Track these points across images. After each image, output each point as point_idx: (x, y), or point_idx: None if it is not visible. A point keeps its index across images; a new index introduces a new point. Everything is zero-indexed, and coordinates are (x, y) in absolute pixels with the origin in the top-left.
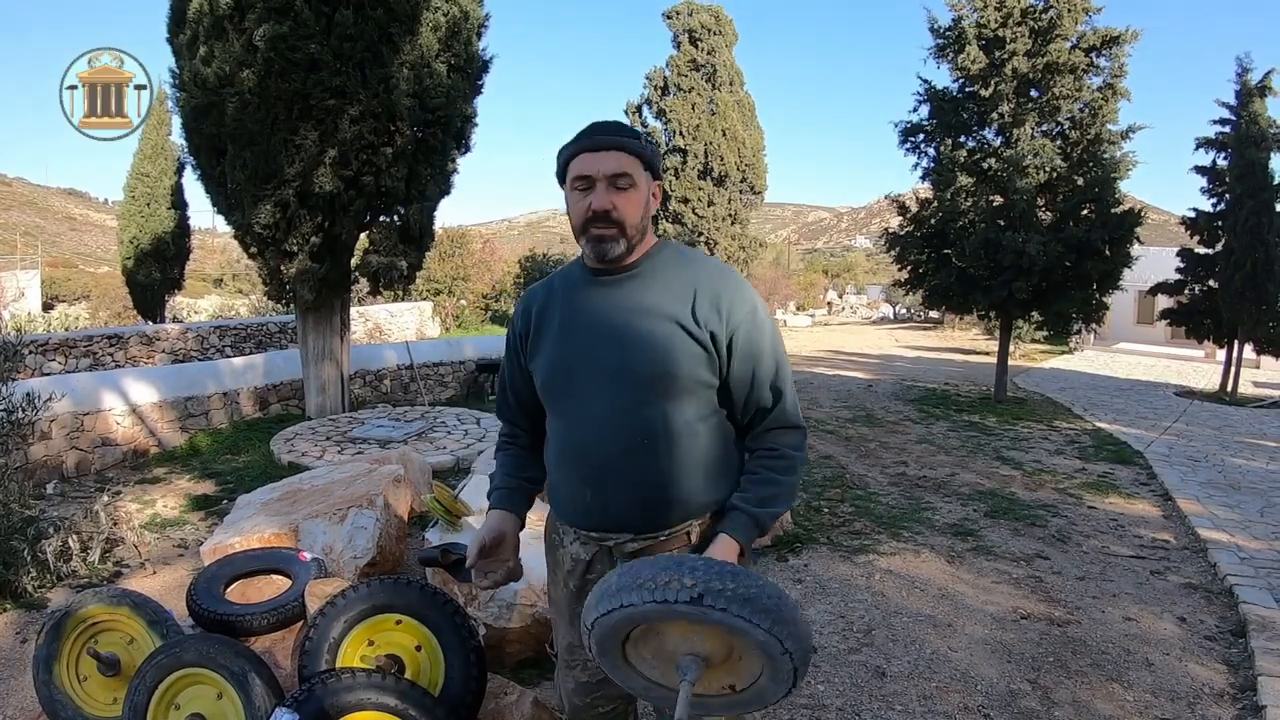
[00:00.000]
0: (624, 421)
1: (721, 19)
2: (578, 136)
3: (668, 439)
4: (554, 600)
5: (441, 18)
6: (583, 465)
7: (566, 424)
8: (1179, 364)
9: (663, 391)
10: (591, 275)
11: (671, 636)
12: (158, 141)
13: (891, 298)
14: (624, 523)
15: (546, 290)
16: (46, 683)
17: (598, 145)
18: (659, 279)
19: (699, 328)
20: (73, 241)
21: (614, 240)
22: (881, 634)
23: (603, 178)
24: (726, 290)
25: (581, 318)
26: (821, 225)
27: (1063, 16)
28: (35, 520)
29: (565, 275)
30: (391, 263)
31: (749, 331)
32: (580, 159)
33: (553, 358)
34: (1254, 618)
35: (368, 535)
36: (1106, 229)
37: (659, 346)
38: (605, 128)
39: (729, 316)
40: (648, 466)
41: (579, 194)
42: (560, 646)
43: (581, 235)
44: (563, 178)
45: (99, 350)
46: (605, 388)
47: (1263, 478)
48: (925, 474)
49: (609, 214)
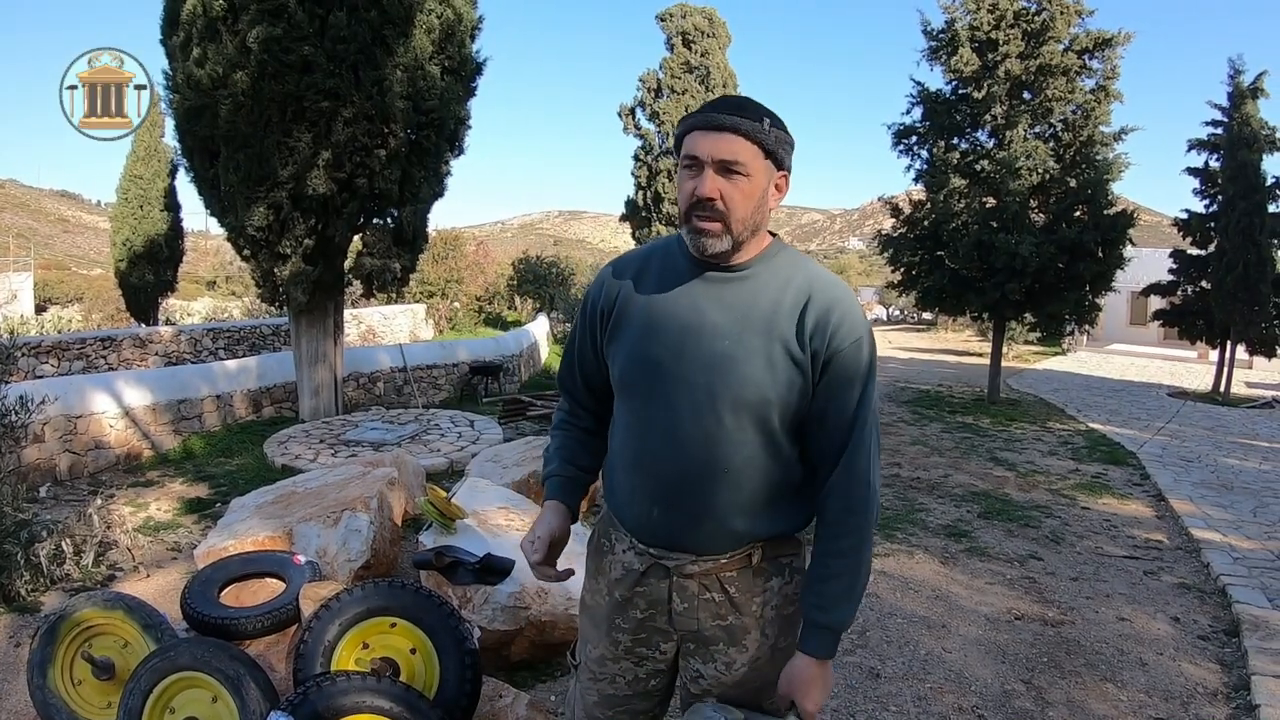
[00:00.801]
0: (708, 444)
1: (715, 21)
2: (698, 110)
3: (750, 469)
4: (590, 608)
5: (435, 20)
6: (654, 481)
7: (643, 429)
8: (1172, 365)
9: (754, 419)
10: (694, 266)
11: None
12: (151, 143)
13: (885, 299)
14: (688, 544)
15: (641, 265)
16: (41, 687)
17: (711, 124)
18: (770, 288)
19: (803, 351)
20: (65, 244)
21: (717, 235)
22: (876, 635)
23: (712, 162)
24: (839, 307)
25: (678, 313)
26: (815, 227)
27: (1055, 19)
28: (28, 523)
29: (665, 256)
30: (385, 265)
31: (849, 360)
32: (693, 137)
33: (639, 350)
34: (1247, 617)
35: (362, 538)
36: (1099, 230)
37: (761, 371)
38: (728, 103)
39: (833, 336)
40: (724, 495)
41: (686, 174)
42: (589, 657)
43: (684, 223)
44: (678, 151)
45: (92, 353)
46: (693, 401)
47: (1255, 478)
48: (919, 475)
49: (713, 204)
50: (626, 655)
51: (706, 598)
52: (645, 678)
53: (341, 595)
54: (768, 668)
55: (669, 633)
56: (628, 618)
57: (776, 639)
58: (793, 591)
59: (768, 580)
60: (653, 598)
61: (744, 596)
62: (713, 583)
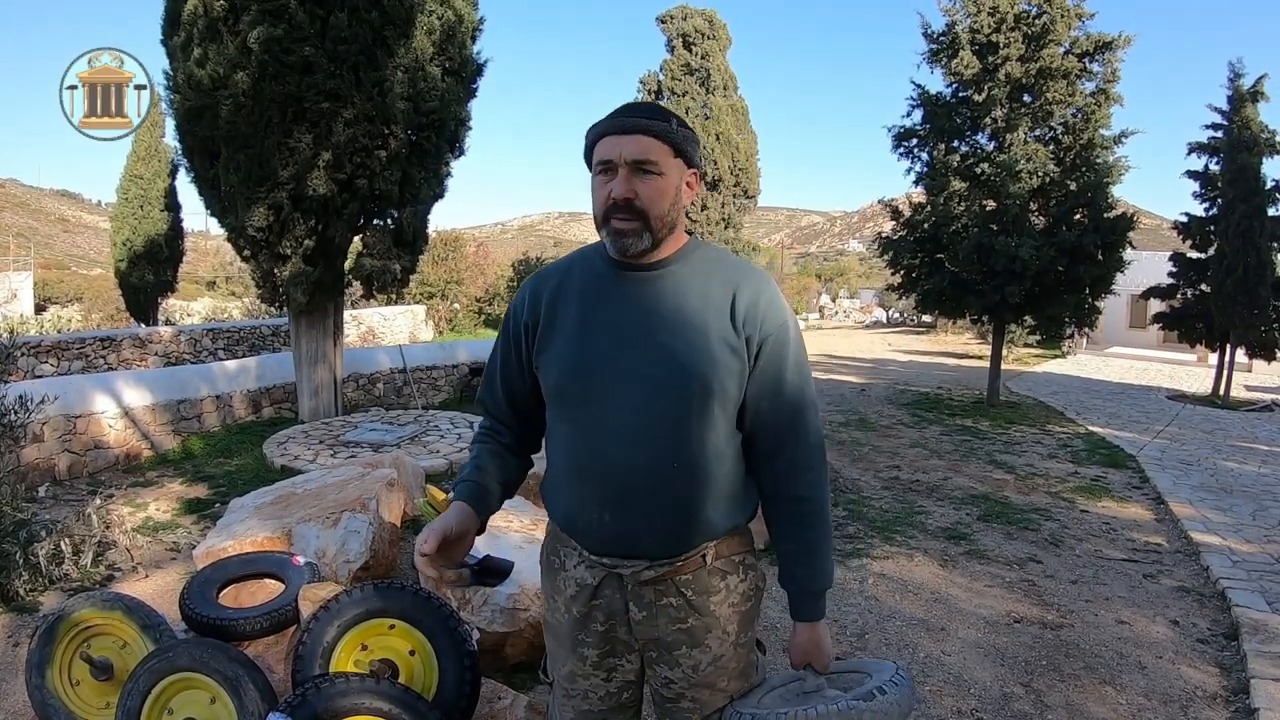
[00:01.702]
0: (657, 440)
1: (715, 23)
2: (606, 117)
3: (701, 461)
4: (552, 626)
5: (436, 21)
6: (603, 486)
7: (584, 436)
8: (1171, 368)
9: (700, 408)
10: (616, 269)
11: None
12: (151, 143)
13: (885, 302)
14: (642, 549)
15: (562, 276)
16: (39, 687)
17: (622, 127)
18: (695, 281)
19: (737, 337)
20: (65, 243)
21: (636, 234)
22: (875, 638)
23: (625, 163)
24: (764, 294)
25: (606, 316)
26: (815, 229)
27: (1055, 22)
28: (27, 523)
29: (585, 263)
30: (385, 266)
31: (780, 342)
32: (605, 142)
33: (570, 358)
34: (1246, 621)
35: (361, 539)
36: (1099, 233)
37: (701, 358)
38: (634, 109)
39: (763, 322)
40: (677, 491)
41: (601, 180)
42: (559, 675)
43: (602, 226)
44: (590, 160)
45: (91, 353)
46: (635, 399)
47: (1255, 481)
48: (918, 478)
49: (630, 203)
50: (595, 670)
51: (664, 603)
52: (617, 691)
53: (340, 597)
54: (732, 664)
55: (630, 643)
56: (589, 632)
57: (737, 636)
58: (749, 588)
59: (724, 579)
60: (610, 609)
61: (701, 599)
62: (669, 588)
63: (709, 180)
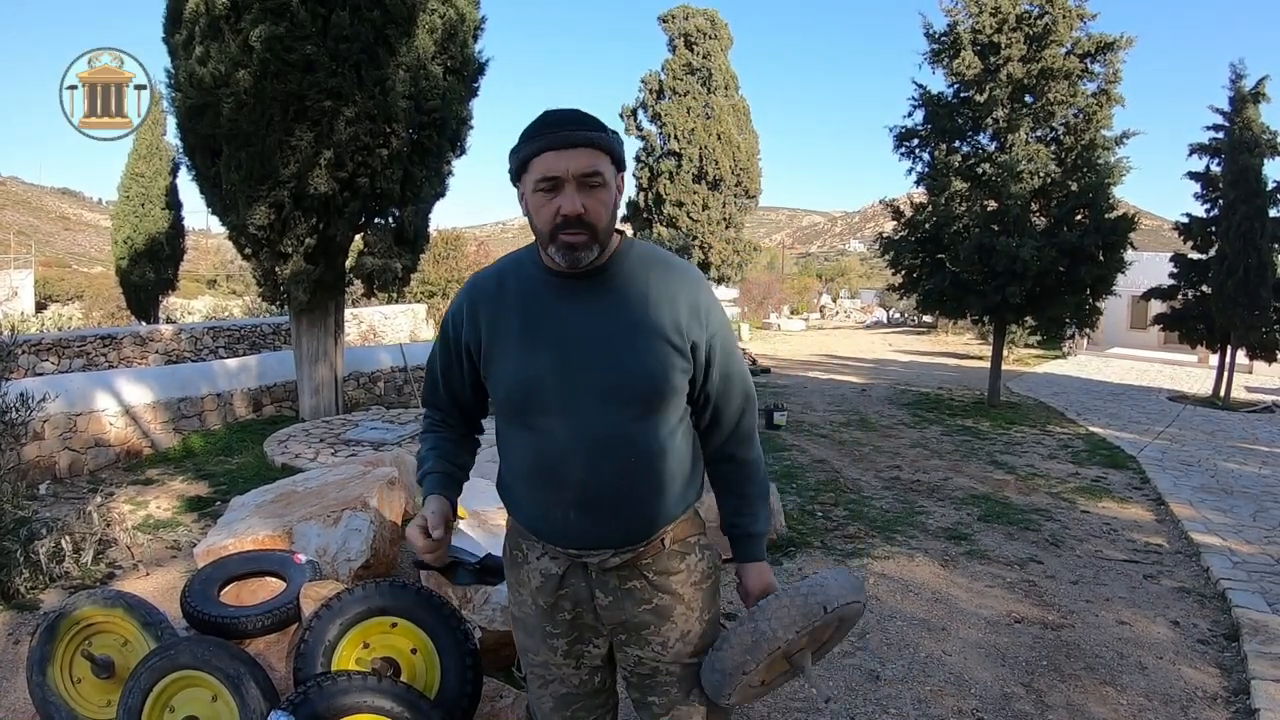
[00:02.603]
0: (612, 442)
1: (717, 23)
2: (538, 130)
3: (655, 455)
4: (520, 619)
5: (438, 20)
6: (563, 488)
7: (542, 443)
8: (1172, 369)
9: (651, 408)
10: (555, 277)
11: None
12: (152, 141)
13: (885, 302)
14: (606, 540)
15: (497, 288)
16: (40, 684)
17: (566, 142)
18: (634, 285)
19: (682, 339)
20: (66, 241)
21: (587, 247)
22: (876, 638)
23: (572, 178)
24: (704, 298)
25: (549, 326)
26: (816, 229)
27: (1057, 23)
28: (28, 521)
29: (518, 272)
30: (386, 265)
31: (725, 337)
32: (545, 158)
33: (518, 372)
34: (1246, 621)
35: (362, 538)
36: (1100, 234)
37: (648, 361)
38: (569, 119)
39: (707, 324)
40: (635, 485)
41: (544, 195)
42: (533, 665)
43: (550, 243)
44: (518, 175)
45: (92, 351)
46: (588, 405)
47: (1255, 482)
48: (919, 478)
49: (581, 218)
50: (565, 659)
51: (629, 587)
52: (589, 676)
53: (342, 595)
54: (699, 640)
55: (598, 628)
56: (557, 622)
57: (702, 611)
58: (707, 566)
59: (683, 560)
60: (577, 597)
61: (663, 578)
62: (631, 572)
63: (710, 180)
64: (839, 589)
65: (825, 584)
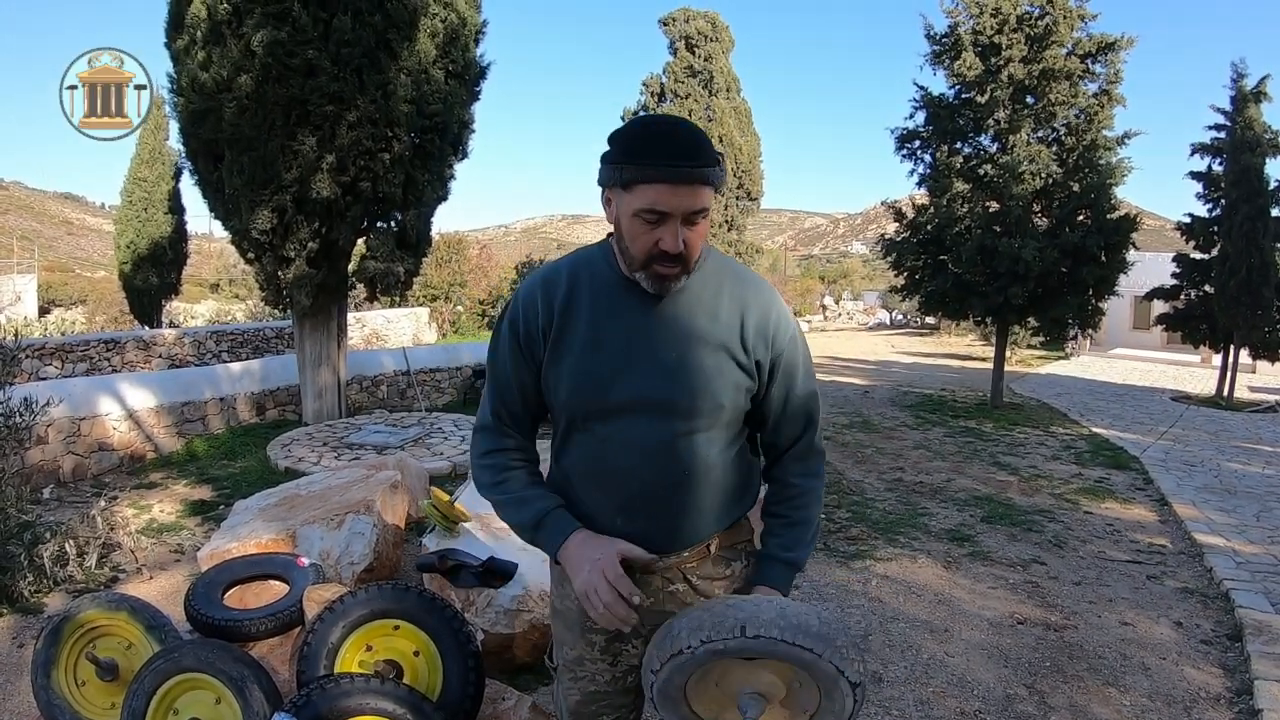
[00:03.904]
0: (668, 453)
1: (718, 25)
2: (653, 156)
3: (707, 469)
4: (561, 613)
5: (439, 24)
6: (618, 494)
7: (600, 447)
8: (1175, 369)
9: (709, 424)
10: (625, 281)
11: (734, 675)
12: (155, 146)
13: (888, 304)
14: (653, 546)
15: (570, 284)
16: (45, 687)
17: (681, 179)
18: (706, 298)
19: (747, 356)
20: (69, 246)
21: (677, 278)
22: (878, 639)
23: (680, 214)
24: (773, 313)
25: (619, 330)
26: (818, 231)
27: (1058, 23)
28: (32, 525)
29: (591, 271)
30: (389, 268)
31: (791, 357)
32: (657, 189)
33: (582, 373)
34: (1250, 622)
35: (365, 541)
36: (1102, 235)
37: (711, 379)
38: (688, 151)
39: (774, 341)
40: (687, 499)
41: (645, 224)
42: (566, 659)
43: (641, 269)
44: (612, 180)
45: (95, 355)
46: (648, 415)
47: (1259, 482)
48: (922, 480)
49: (680, 255)
50: (602, 655)
51: (671, 590)
52: (622, 675)
53: (345, 598)
54: None
55: (638, 629)
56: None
57: None
58: (751, 573)
59: (728, 566)
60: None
61: (705, 583)
62: (675, 575)
63: None
64: (780, 620)
65: (761, 608)
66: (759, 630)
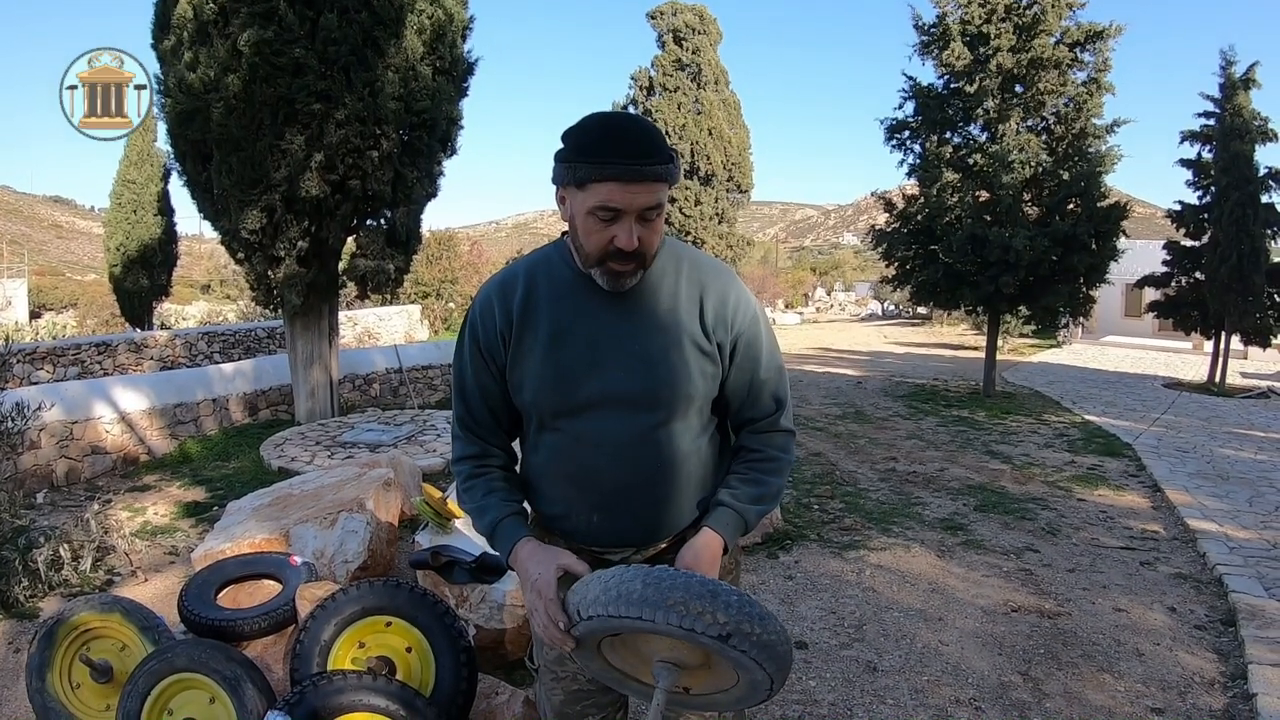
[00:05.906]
0: (640, 447)
1: (706, 18)
2: (604, 154)
3: (681, 460)
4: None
5: (426, 21)
6: (592, 491)
7: (570, 445)
8: (1167, 356)
9: (679, 413)
10: (583, 278)
11: (648, 641)
12: (143, 148)
13: (880, 295)
14: (629, 540)
15: (527, 285)
16: (40, 690)
17: (636, 177)
18: (664, 287)
19: (709, 341)
20: (59, 249)
21: (634, 274)
22: (872, 629)
23: (634, 211)
24: (731, 295)
25: (581, 327)
26: (809, 223)
27: (1046, 12)
28: (26, 529)
29: (548, 271)
30: (379, 266)
31: (752, 337)
32: (609, 187)
33: (546, 373)
34: (1243, 606)
35: (358, 539)
36: (1092, 223)
37: (677, 369)
38: (641, 149)
39: (734, 322)
40: (661, 492)
41: (599, 222)
42: (547, 659)
43: (596, 265)
44: (566, 178)
45: (87, 358)
46: (617, 410)
47: (1251, 468)
48: (915, 469)
49: (635, 251)
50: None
51: None
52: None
53: (337, 595)
54: None
55: None
56: None
57: None
58: (728, 561)
59: None
60: None
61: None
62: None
63: (702, 175)
64: (603, 595)
65: (591, 584)
66: (590, 610)
